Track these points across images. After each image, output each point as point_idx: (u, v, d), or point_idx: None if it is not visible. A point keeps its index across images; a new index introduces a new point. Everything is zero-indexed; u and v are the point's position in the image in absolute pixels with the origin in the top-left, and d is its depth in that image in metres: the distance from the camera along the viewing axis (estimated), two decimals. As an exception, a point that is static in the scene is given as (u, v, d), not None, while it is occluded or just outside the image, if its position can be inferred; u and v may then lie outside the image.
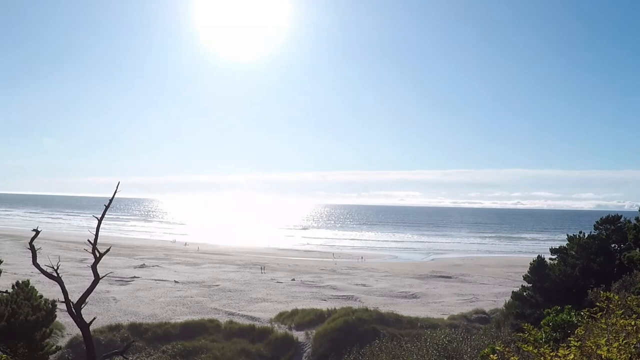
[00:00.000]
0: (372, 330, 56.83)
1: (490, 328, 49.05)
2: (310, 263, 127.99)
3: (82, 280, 76.99)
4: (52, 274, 20.29)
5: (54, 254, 30.18)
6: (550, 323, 18.51)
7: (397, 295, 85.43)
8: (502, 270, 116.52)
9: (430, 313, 70.63)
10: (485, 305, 73.30)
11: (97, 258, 20.98)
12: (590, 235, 41.49)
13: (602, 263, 38.75)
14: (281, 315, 67.39)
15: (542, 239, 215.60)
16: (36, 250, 20.38)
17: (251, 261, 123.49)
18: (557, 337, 15.94)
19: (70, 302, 20.42)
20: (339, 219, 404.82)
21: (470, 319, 63.98)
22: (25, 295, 24.62)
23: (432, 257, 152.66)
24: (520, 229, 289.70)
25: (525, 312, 38.18)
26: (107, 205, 20.77)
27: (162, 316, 67.30)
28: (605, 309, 10.47)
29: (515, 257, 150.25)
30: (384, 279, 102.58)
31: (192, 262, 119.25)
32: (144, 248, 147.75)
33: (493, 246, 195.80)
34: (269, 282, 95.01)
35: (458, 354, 33.78)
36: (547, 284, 38.46)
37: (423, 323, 59.65)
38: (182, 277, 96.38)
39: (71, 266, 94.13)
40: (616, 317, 8.80)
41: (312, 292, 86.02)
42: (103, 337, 53.98)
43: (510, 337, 32.31)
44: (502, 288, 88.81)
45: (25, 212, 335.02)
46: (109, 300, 74.25)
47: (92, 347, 20.90)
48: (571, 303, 23.81)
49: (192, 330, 59.78)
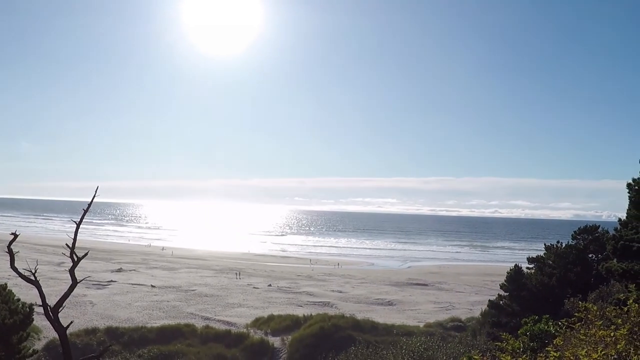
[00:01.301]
0: (348, 336, 56.89)
1: (466, 336, 49.32)
2: (287, 269, 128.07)
3: (59, 284, 76.67)
4: (30, 278, 20.18)
5: (31, 258, 30.03)
6: (528, 332, 18.63)
7: (374, 302, 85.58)
8: (478, 279, 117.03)
9: (407, 320, 70.80)
10: (461, 314, 73.56)
11: (75, 262, 20.88)
12: (567, 245, 41.74)
13: (580, 273, 39.02)
14: (257, 321, 67.36)
15: (519, 248, 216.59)
16: (14, 253, 20.27)
17: (228, 266, 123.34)
18: (534, 346, 16.06)
19: (47, 306, 20.31)
20: (316, 225, 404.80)
21: (446, 327, 64.15)
22: (3, 298, 24.55)
23: (409, 265, 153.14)
24: (497, 238, 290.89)
25: (502, 321, 38.38)
26: (85, 209, 20.68)
27: (138, 320, 67.10)
28: (584, 320, 10.58)
29: (492, 265, 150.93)
30: (361, 285, 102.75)
31: (169, 267, 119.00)
32: (121, 252, 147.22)
33: (470, 254, 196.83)
34: (246, 287, 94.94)
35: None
36: (524, 293, 38.66)
37: (399, 330, 59.79)
38: (159, 282, 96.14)
39: (48, 269, 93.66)
40: (595, 327, 8.90)
41: (288, 298, 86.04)
42: (79, 341, 53.70)
43: (486, 346, 32.48)
44: (479, 296, 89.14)
45: (5, 215, 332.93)
46: (85, 304, 73.92)
47: (69, 351, 20.80)
48: (548, 312, 23.93)
49: (168, 335, 59.60)
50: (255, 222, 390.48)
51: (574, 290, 34.38)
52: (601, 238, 41.28)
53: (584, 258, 40.98)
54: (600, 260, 40.12)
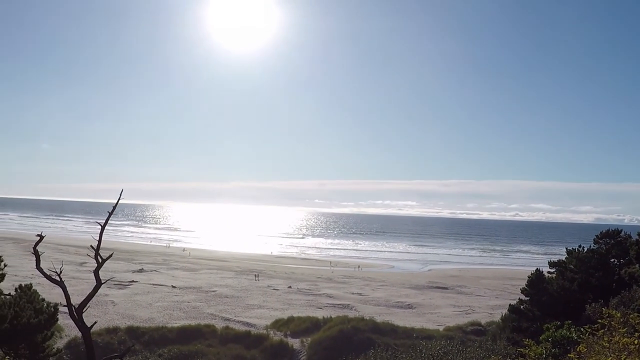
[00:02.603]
0: (367, 339, 56.87)
1: (486, 341, 49.16)
2: (307, 271, 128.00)
3: (81, 284, 77.18)
4: (55, 278, 20.40)
5: (54, 258, 30.40)
6: (550, 338, 18.62)
7: (393, 305, 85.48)
8: (499, 283, 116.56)
9: (426, 324, 70.67)
10: (481, 318, 73.34)
11: (100, 263, 21.10)
12: (589, 249, 41.48)
13: (601, 278, 38.78)
14: (277, 322, 67.45)
15: (540, 252, 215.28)
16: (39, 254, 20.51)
17: (248, 268, 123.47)
18: (556, 352, 16.04)
19: (72, 306, 20.54)
20: (336, 227, 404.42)
21: (466, 331, 63.97)
22: (28, 298, 24.79)
23: (429, 268, 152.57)
24: (518, 242, 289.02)
25: (522, 326, 38.23)
26: (111, 211, 20.88)
27: (159, 320, 67.40)
28: (607, 326, 10.56)
29: (512, 269, 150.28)
30: (380, 288, 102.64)
31: (190, 268, 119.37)
32: (142, 253, 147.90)
33: (490, 258, 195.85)
34: (266, 289, 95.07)
35: (454, 365, 33.91)
36: (545, 298, 38.49)
37: (418, 334, 59.65)
38: (180, 282, 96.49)
39: (71, 269, 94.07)
40: (618, 335, 8.91)
41: (308, 300, 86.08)
42: (101, 340, 54.00)
43: (506, 351, 32.43)
44: (499, 300, 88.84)
45: (27, 217, 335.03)
46: (107, 303, 74.33)
47: (92, 350, 21.03)
48: (569, 317, 23.93)
49: (189, 335, 59.86)
50: (275, 225, 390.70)
51: (596, 296, 34.17)
52: (623, 242, 41.01)
53: (606, 263, 40.72)
54: (622, 265, 39.93)
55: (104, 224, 21.02)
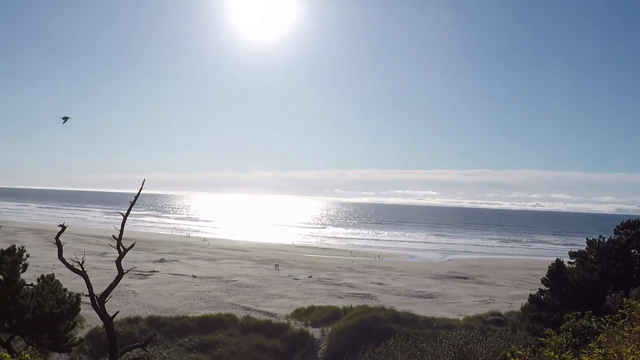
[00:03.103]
0: (387, 329, 56.93)
1: (506, 330, 49.00)
2: (328, 260, 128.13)
3: (102, 274, 77.61)
4: (77, 268, 20.55)
5: (75, 248, 30.59)
6: (571, 328, 18.58)
7: (414, 294, 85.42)
8: (519, 273, 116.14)
9: (446, 313, 70.62)
10: (501, 307, 73.16)
11: (122, 253, 21.24)
12: (610, 239, 41.21)
13: (621, 268, 38.55)
14: (297, 312, 67.61)
15: (560, 242, 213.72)
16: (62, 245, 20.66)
17: (269, 257, 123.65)
18: (577, 342, 16.02)
19: (94, 296, 20.71)
20: (356, 217, 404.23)
21: (486, 321, 63.88)
22: (50, 288, 24.96)
23: (449, 258, 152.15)
24: (538, 232, 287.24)
25: (542, 316, 38.10)
26: (132, 201, 21.00)
27: (180, 310, 67.73)
28: (628, 316, 10.54)
29: (532, 259, 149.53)
30: (401, 278, 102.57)
31: (210, 258, 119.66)
32: (163, 243, 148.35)
33: (510, 248, 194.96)
34: (286, 278, 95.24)
35: (473, 355, 33.80)
36: (565, 288, 38.34)
37: (439, 323, 59.63)
38: (201, 272, 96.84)
39: (92, 259, 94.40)
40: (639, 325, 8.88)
41: (328, 289, 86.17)
42: (122, 330, 54.38)
43: (526, 341, 32.35)
44: (519, 290, 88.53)
45: (46, 207, 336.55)
46: (128, 293, 74.74)
47: (114, 340, 21.21)
48: (589, 308, 23.81)
49: (209, 325, 60.13)
50: (295, 214, 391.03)
51: (616, 286, 33.96)
52: (644, 233, 40.77)
53: (627, 253, 40.44)
54: (643, 256, 39.74)
55: (125, 214, 21.16)
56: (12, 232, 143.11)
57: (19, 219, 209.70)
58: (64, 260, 20.43)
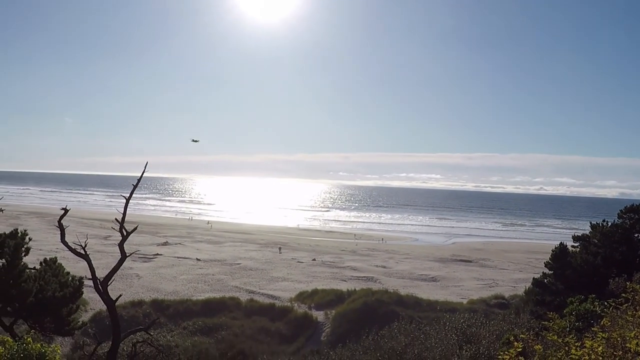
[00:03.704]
0: (391, 312, 57.07)
1: (509, 314, 49.03)
2: (331, 244, 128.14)
3: (106, 257, 77.66)
4: (80, 252, 20.51)
5: (78, 231, 30.50)
6: (574, 312, 18.55)
7: (417, 277, 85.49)
8: (522, 256, 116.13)
9: (450, 297, 70.69)
10: (504, 291, 73.25)
11: (125, 236, 21.18)
12: (613, 224, 41.11)
13: (625, 253, 38.45)
14: (301, 295, 67.77)
15: (564, 226, 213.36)
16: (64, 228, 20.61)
17: (272, 240, 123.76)
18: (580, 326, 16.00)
19: (97, 279, 20.69)
20: (360, 200, 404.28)
21: (490, 304, 64.00)
22: (53, 272, 24.95)
23: (453, 241, 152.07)
24: (542, 215, 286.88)
25: (545, 299, 38.06)
26: (135, 184, 20.95)
27: (183, 293, 67.92)
28: (631, 300, 10.49)
29: (536, 243, 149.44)
30: (404, 261, 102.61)
31: (214, 241, 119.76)
32: (167, 226, 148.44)
33: (514, 232, 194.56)
34: (290, 261, 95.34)
35: (477, 338, 33.81)
36: (568, 272, 38.26)
37: (442, 306, 59.70)
38: (204, 255, 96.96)
39: (95, 243, 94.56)
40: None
41: (332, 272, 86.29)
42: (126, 313, 54.53)
43: (530, 324, 32.35)
44: (522, 274, 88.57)
45: (48, 191, 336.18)
46: (132, 276, 74.90)
47: (117, 323, 21.19)
48: (592, 292, 23.79)
49: (213, 308, 60.30)
50: (299, 197, 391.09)
51: (619, 270, 33.85)
52: (648, 218, 40.65)
53: (630, 238, 40.32)
54: (646, 241, 39.63)
55: (128, 196, 21.12)
56: (15, 216, 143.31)
57: (21, 203, 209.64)
58: (67, 243, 20.40)
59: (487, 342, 30.84)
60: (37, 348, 10.04)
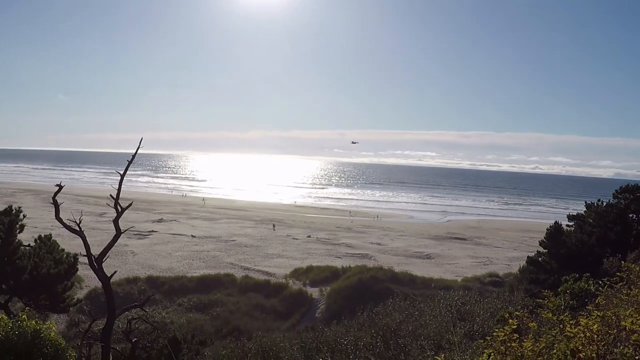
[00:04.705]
0: (385, 289, 57.23)
1: (503, 292, 49.25)
2: (326, 221, 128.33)
3: (101, 234, 77.61)
4: (74, 228, 20.47)
5: (73, 208, 30.45)
6: (569, 291, 18.60)
7: (412, 255, 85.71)
8: (517, 235, 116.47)
9: (444, 274, 70.98)
10: (499, 269, 73.54)
11: (119, 213, 21.13)
12: (608, 203, 41.20)
13: (619, 232, 38.55)
14: (296, 272, 67.99)
15: (559, 206, 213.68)
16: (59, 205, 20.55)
17: (268, 217, 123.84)
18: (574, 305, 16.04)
19: (92, 256, 20.64)
20: (355, 177, 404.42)
21: (484, 282, 64.28)
22: (48, 248, 24.93)
23: (448, 219, 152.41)
24: (537, 194, 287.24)
25: (540, 278, 38.13)
26: (130, 160, 20.87)
27: (178, 270, 68.03)
28: (625, 279, 10.51)
29: (531, 221, 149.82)
30: (399, 238, 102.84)
31: (209, 217, 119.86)
32: (162, 203, 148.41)
33: (509, 210, 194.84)
34: (285, 238, 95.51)
35: (471, 316, 33.95)
36: (563, 251, 38.32)
37: (437, 284, 60.00)
38: (199, 232, 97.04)
39: (90, 220, 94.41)
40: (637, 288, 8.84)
41: (327, 249, 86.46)
42: (121, 290, 54.66)
43: (524, 302, 32.45)
44: (517, 252, 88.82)
45: (42, 168, 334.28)
46: (127, 253, 74.95)
47: (112, 300, 21.17)
48: (586, 271, 23.80)
49: (208, 284, 60.49)
50: (295, 174, 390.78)
51: (613, 250, 33.98)
52: (643, 199, 40.75)
53: (625, 218, 40.43)
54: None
55: (123, 172, 21.02)
56: (10, 194, 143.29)
57: (15, 180, 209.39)
58: (62, 220, 20.32)
59: (481, 320, 30.97)
60: (32, 325, 10.03)
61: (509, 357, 6.61)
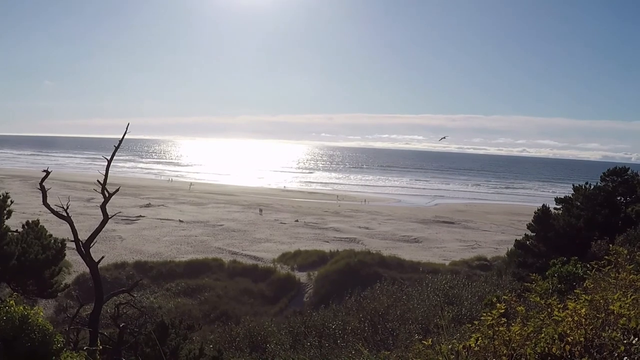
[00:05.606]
0: (373, 273, 57.41)
1: (491, 275, 49.48)
2: (314, 205, 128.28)
3: (89, 220, 77.35)
4: (62, 214, 20.38)
5: (61, 194, 30.43)
6: (556, 274, 18.63)
7: (400, 239, 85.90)
8: (505, 218, 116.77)
9: (432, 258, 71.18)
10: (487, 253, 73.79)
11: (107, 198, 21.05)
12: (596, 186, 41.33)
13: (607, 215, 38.65)
14: (284, 256, 68.11)
15: (547, 189, 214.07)
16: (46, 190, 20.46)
17: (255, 202, 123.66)
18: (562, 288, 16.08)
19: (79, 241, 20.55)
20: (343, 161, 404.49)
21: (472, 266, 64.51)
22: (35, 234, 24.80)
23: (436, 202, 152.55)
24: (524, 177, 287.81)
25: (528, 261, 38.24)
26: (117, 146, 20.77)
27: (166, 255, 68.03)
28: (614, 263, 10.53)
29: (518, 205, 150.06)
30: (387, 222, 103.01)
31: (197, 202, 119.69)
32: (149, 188, 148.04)
33: (497, 194, 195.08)
34: (273, 222, 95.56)
35: (459, 300, 34.13)
36: (551, 234, 38.44)
37: (425, 268, 60.14)
38: (187, 217, 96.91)
39: (78, 205, 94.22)
40: (625, 271, 8.86)
41: (315, 233, 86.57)
42: (109, 275, 54.64)
43: (512, 286, 32.58)
44: (505, 236, 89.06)
45: (30, 154, 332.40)
46: (114, 238, 74.85)
47: (100, 285, 21.11)
48: (574, 254, 23.83)
49: (196, 269, 60.56)
50: (282, 159, 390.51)
51: (601, 233, 34.05)
52: (630, 181, 40.81)
53: (612, 200, 40.54)
54: (628, 203, 39.77)
55: (110, 157, 20.93)
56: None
57: (2, 166, 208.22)
58: (49, 205, 20.22)
59: (469, 304, 31.12)
60: (19, 310, 9.99)
61: (497, 341, 6.61)
